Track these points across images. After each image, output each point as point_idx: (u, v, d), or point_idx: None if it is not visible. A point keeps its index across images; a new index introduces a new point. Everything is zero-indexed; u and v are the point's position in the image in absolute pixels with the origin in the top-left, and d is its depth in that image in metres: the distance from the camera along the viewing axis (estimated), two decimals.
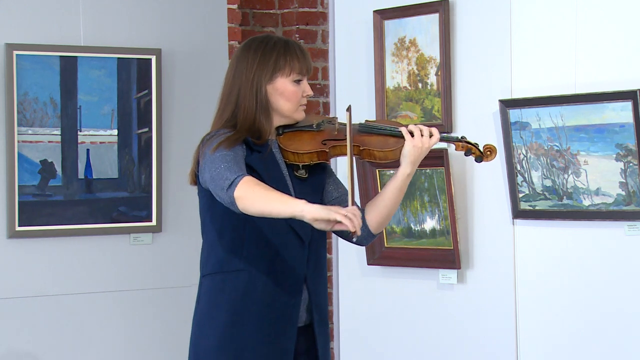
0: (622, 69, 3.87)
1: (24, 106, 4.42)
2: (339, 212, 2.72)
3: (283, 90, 3.02)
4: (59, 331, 4.53)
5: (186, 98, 4.80)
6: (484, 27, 4.27)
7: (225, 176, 2.82)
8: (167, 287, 4.75)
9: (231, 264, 2.99)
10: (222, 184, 2.83)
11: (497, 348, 4.24)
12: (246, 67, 3.02)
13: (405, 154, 3.00)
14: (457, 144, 3.09)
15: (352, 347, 4.75)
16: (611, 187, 3.88)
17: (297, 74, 3.03)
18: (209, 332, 3.00)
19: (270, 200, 2.77)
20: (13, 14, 4.45)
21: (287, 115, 3.05)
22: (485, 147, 3.09)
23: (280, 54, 3.02)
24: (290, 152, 3.03)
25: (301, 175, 3.06)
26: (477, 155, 3.09)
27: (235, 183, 2.79)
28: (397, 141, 3.02)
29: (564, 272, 4.07)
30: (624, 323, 3.92)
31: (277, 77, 3.02)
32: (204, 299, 3.05)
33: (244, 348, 2.96)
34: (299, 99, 3.05)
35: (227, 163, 2.85)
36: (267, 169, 3.00)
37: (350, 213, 2.73)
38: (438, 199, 4.35)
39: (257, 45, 3.05)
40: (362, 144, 3.02)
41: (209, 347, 2.99)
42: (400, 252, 4.49)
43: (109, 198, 4.59)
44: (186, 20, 4.80)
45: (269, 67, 3.01)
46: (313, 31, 5.15)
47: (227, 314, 2.97)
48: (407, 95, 4.47)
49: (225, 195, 2.82)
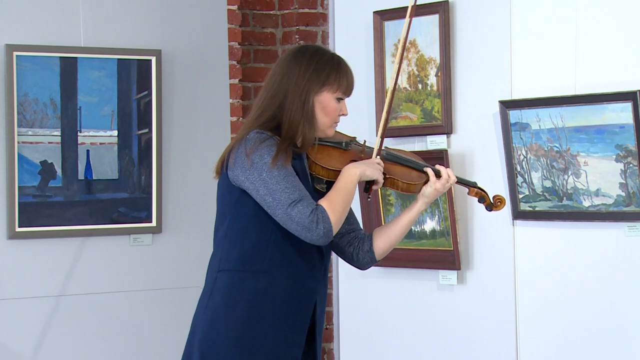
0: (622, 70, 3.87)
1: (24, 107, 4.42)
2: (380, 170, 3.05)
3: (326, 105, 3.06)
4: (59, 332, 4.53)
5: (186, 99, 4.80)
6: (484, 28, 4.27)
7: (309, 217, 2.92)
8: (167, 288, 4.75)
9: (254, 264, 2.98)
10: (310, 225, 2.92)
11: (497, 348, 4.24)
12: (298, 73, 3.03)
13: (426, 194, 3.15)
14: (471, 190, 3.26)
15: (352, 347, 4.75)
16: (611, 188, 3.88)
17: (342, 92, 3.08)
18: (224, 329, 2.98)
19: (347, 198, 2.99)
20: (13, 14, 4.45)
21: (321, 130, 3.08)
22: (496, 198, 3.27)
23: (334, 69, 3.06)
24: (320, 166, 3.06)
25: (321, 189, 3.10)
26: (487, 204, 3.26)
27: (328, 225, 2.94)
28: (419, 176, 3.16)
29: (564, 273, 4.07)
30: (624, 323, 3.92)
31: (325, 90, 3.05)
32: (218, 295, 3.01)
33: (258, 349, 2.97)
34: (336, 117, 3.09)
35: (295, 199, 2.92)
36: (303, 177, 3.03)
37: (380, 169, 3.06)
38: (438, 200, 4.35)
39: (311, 54, 3.07)
40: (388, 172, 3.12)
41: (223, 344, 2.98)
42: (400, 253, 4.49)
43: (109, 199, 4.59)
44: (186, 21, 4.80)
45: (320, 79, 3.04)
46: (313, 32, 5.15)
47: (245, 313, 2.97)
48: (407, 96, 4.47)
49: (320, 239, 2.93)
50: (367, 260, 3.20)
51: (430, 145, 4.36)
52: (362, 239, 3.19)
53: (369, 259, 3.20)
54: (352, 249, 3.19)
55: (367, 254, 3.18)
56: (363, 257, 3.19)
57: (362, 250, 3.18)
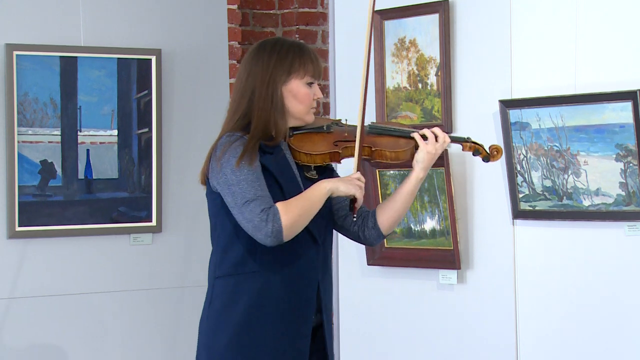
0: (622, 70, 3.87)
1: (24, 106, 4.42)
2: (357, 187, 2.99)
3: (297, 92, 3.06)
4: (59, 331, 4.53)
5: (186, 98, 4.80)
6: (484, 27, 4.27)
7: (260, 216, 2.89)
8: (167, 287, 4.75)
9: (246, 266, 2.99)
10: (259, 224, 2.89)
11: (497, 348, 4.24)
12: (261, 68, 3.05)
13: (420, 159, 3.09)
14: (465, 145, 3.19)
15: (352, 347, 4.75)
16: (611, 188, 3.88)
17: (310, 76, 3.08)
18: (223, 332, 3.00)
19: (310, 207, 2.94)
20: (13, 14, 4.45)
21: (298, 117, 3.09)
22: (492, 147, 3.19)
23: (296, 56, 3.06)
24: (303, 153, 3.06)
25: (312, 176, 3.10)
26: (484, 156, 3.19)
27: (278, 226, 2.89)
28: (407, 142, 3.10)
29: (564, 272, 4.07)
30: (623, 323, 3.92)
31: (292, 79, 3.06)
32: (217, 301, 3.04)
33: (259, 348, 2.97)
34: (310, 102, 3.09)
35: (251, 199, 2.91)
36: (280, 170, 3.03)
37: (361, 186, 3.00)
38: (438, 200, 4.35)
39: (271, 47, 3.08)
40: (374, 145, 3.08)
41: (223, 347, 2.99)
42: (400, 252, 4.49)
43: (109, 198, 4.59)
44: (186, 20, 4.80)
45: (284, 69, 3.05)
46: (313, 31, 5.15)
47: (242, 315, 2.98)
48: (407, 95, 4.47)
49: (269, 239, 2.90)
50: (374, 237, 3.17)
51: None
52: (366, 217, 3.17)
53: (376, 235, 3.16)
54: (357, 227, 3.17)
55: (373, 230, 3.15)
56: (369, 234, 3.17)
57: (367, 227, 3.16)
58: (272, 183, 3.00)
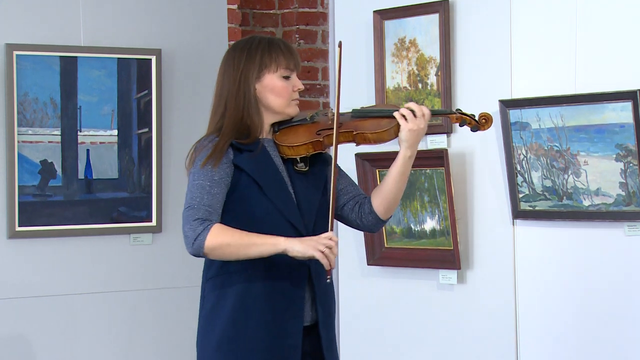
0: (622, 69, 3.87)
1: (24, 106, 4.42)
2: (317, 247, 2.84)
3: (272, 87, 3.06)
4: (59, 331, 4.53)
5: (186, 98, 4.80)
6: (484, 28, 4.27)
7: (193, 226, 2.91)
8: (167, 287, 4.75)
9: (230, 265, 3.00)
10: (188, 232, 2.92)
11: (497, 348, 4.24)
12: (232, 68, 3.07)
13: (403, 138, 3.02)
14: (452, 116, 3.12)
15: (352, 347, 4.74)
16: (611, 188, 3.88)
17: (284, 69, 3.07)
18: (212, 334, 3.02)
19: (245, 248, 2.90)
20: (13, 14, 4.45)
21: (279, 111, 3.09)
22: (481, 116, 3.10)
23: (265, 51, 3.06)
24: (285, 147, 3.06)
25: (301, 169, 3.09)
26: (472, 125, 3.10)
27: (201, 240, 2.90)
28: (389, 121, 3.04)
29: (564, 272, 4.06)
30: (623, 323, 3.92)
31: (265, 74, 3.06)
32: (206, 303, 3.07)
33: (247, 347, 2.97)
34: (290, 94, 3.08)
35: (195, 207, 2.93)
36: (259, 167, 3.03)
37: (327, 248, 2.84)
38: (438, 200, 4.35)
39: (241, 46, 3.10)
40: (356, 129, 3.04)
41: (212, 347, 3.01)
42: (400, 252, 4.49)
43: (109, 198, 4.59)
44: (186, 20, 4.80)
45: (254, 65, 3.06)
46: (313, 31, 5.15)
47: (229, 314, 2.99)
48: (407, 95, 4.47)
49: (190, 248, 2.93)
50: (373, 222, 3.14)
51: (430, 145, 4.36)
52: (362, 203, 3.15)
53: (374, 220, 3.14)
54: (354, 215, 3.16)
55: (370, 215, 3.13)
56: (367, 220, 3.14)
57: (364, 213, 3.14)
58: (249, 182, 3.00)
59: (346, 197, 3.18)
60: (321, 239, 2.88)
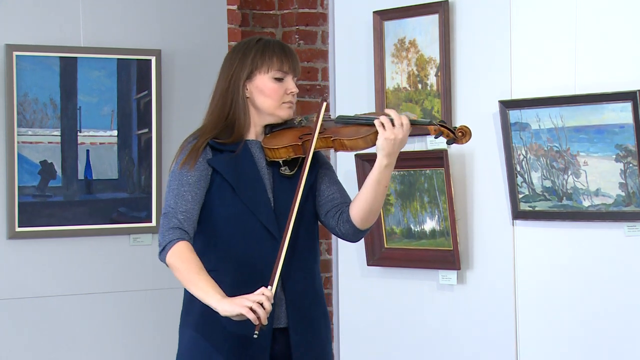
0: (622, 70, 3.87)
1: (24, 107, 4.42)
2: (244, 304, 2.77)
3: (263, 88, 3.05)
4: (59, 332, 4.53)
5: (186, 99, 4.80)
6: (484, 28, 4.28)
7: (163, 233, 2.96)
8: (166, 287, 4.74)
9: (205, 265, 2.96)
10: (159, 238, 2.97)
11: (497, 348, 4.24)
12: (227, 69, 3.09)
13: (380, 147, 2.97)
14: (430, 128, 3.04)
15: (352, 347, 4.75)
16: (611, 188, 3.88)
17: (276, 70, 3.05)
18: (183, 335, 3.04)
19: (190, 283, 2.90)
20: (13, 14, 4.45)
21: (270, 113, 3.08)
22: (458, 130, 3.03)
23: (258, 52, 3.06)
24: (267, 149, 3.07)
25: (285, 173, 3.07)
26: (450, 138, 3.03)
27: (163, 255, 2.94)
28: (368, 129, 2.99)
29: (564, 272, 4.07)
30: (623, 323, 3.92)
31: (256, 74, 3.06)
32: (183, 303, 3.09)
33: (214, 349, 2.97)
34: (281, 96, 3.06)
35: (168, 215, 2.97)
36: (237, 168, 3.02)
37: (256, 303, 2.77)
38: (438, 200, 4.35)
39: (239, 47, 3.11)
40: (334, 135, 3.02)
41: (183, 349, 3.04)
42: (400, 252, 4.49)
43: (108, 199, 4.59)
44: (186, 20, 4.80)
45: (246, 66, 3.06)
46: (313, 32, 5.15)
47: (198, 317, 3.00)
48: (407, 96, 4.47)
49: (158, 246, 2.98)
50: (350, 231, 3.07)
51: (430, 145, 4.36)
52: (342, 211, 3.09)
53: (351, 229, 3.07)
54: (334, 222, 3.10)
55: (347, 223, 3.06)
56: (344, 228, 3.08)
57: (342, 221, 3.08)
58: (222, 183, 3.01)
59: (330, 204, 3.12)
60: (252, 295, 2.81)
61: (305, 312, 3.05)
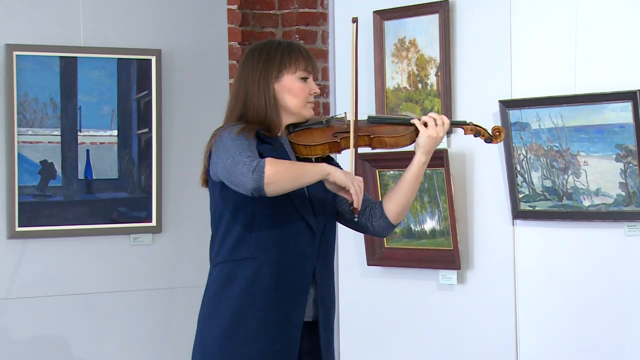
0: (622, 70, 3.87)
1: (24, 107, 4.42)
2: (353, 182, 2.97)
3: (290, 87, 3.11)
4: (59, 331, 4.53)
5: (186, 98, 4.80)
6: (484, 28, 4.28)
7: (246, 162, 2.89)
8: (166, 287, 4.75)
9: (240, 252, 3.01)
10: (243, 169, 2.88)
11: (497, 348, 4.24)
12: (252, 69, 3.11)
13: (421, 144, 3.13)
14: (466, 128, 3.21)
15: (352, 347, 4.75)
16: (611, 188, 3.88)
17: (302, 71, 3.12)
18: (216, 321, 3.02)
19: (300, 172, 2.94)
20: (13, 14, 4.45)
21: (295, 112, 3.13)
22: (494, 129, 3.21)
23: (285, 52, 3.12)
24: (302, 146, 3.11)
25: None
26: (486, 137, 3.20)
27: (261, 166, 2.87)
28: (406, 128, 3.15)
29: (564, 272, 4.07)
30: (623, 323, 3.92)
31: (284, 74, 3.11)
32: (211, 288, 3.07)
33: (250, 337, 2.98)
34: (306, 96, 3.13)
35: (243, 151, 2.92)
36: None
37: (359, 187, 2.99)
38: (438, 200, 4.35)
39: (260, 48, 3.15)
40: (373, 133, 3.13)
41: (215, 336, 3.01)
42: (400, 252, 4.49)
43: (108, 199, 4.59)
44: (186, 20, 4.80)
45: (274, 66, 3.10)
46: (313, 32, 5.15)
47: (235, 303, 3.00)
48: (407, 95, 4.47)
49: (250, 179, 2.86)
50: (383, 226, 3.18)
51: None
52: (373, 207, 3.19)
53: (385, 225, 3.18)
54: (365, 219, 3.19)
55: (381, 219, 3.17)
56: (378, 224, 3.18)
57: (375, 218, 3.18)
58: None
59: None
60: (355, 178, 3.00)
61: (328, 310, 3.13)
